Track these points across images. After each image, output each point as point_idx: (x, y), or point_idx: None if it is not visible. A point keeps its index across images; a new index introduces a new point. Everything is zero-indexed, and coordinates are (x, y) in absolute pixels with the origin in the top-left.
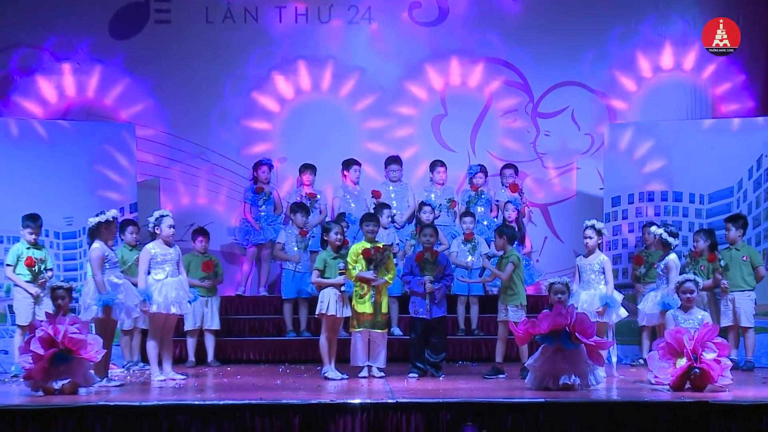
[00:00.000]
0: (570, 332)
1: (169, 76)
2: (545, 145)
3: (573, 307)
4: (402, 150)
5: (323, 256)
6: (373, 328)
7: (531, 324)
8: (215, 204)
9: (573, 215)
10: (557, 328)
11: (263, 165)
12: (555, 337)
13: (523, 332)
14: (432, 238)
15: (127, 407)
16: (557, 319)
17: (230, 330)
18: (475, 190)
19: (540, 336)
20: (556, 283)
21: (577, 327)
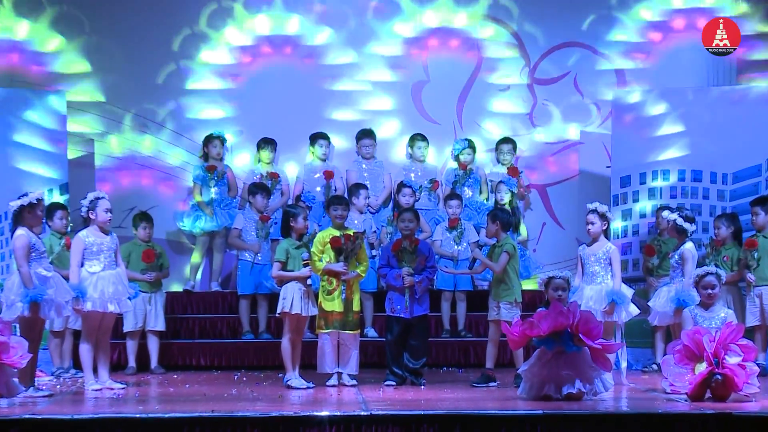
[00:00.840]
0: (572, 333)
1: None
2: (544, 117)
3: (576, 304)
4: (376, 122)
5: (285, 245)
6: (343, 328)
7: (527, 325)
8: (160, 185)
9: (575, 197)
10: (558, 329)
11: (215, 139)
12: (555, 340)
13: (519, 334)
14: (412, 224)
15: (56, 421)
16: (558, 318)
17: (177, 331)
18: (463, 169)
19: (537, 339)
20: (556, 277)
21: (580, 327)
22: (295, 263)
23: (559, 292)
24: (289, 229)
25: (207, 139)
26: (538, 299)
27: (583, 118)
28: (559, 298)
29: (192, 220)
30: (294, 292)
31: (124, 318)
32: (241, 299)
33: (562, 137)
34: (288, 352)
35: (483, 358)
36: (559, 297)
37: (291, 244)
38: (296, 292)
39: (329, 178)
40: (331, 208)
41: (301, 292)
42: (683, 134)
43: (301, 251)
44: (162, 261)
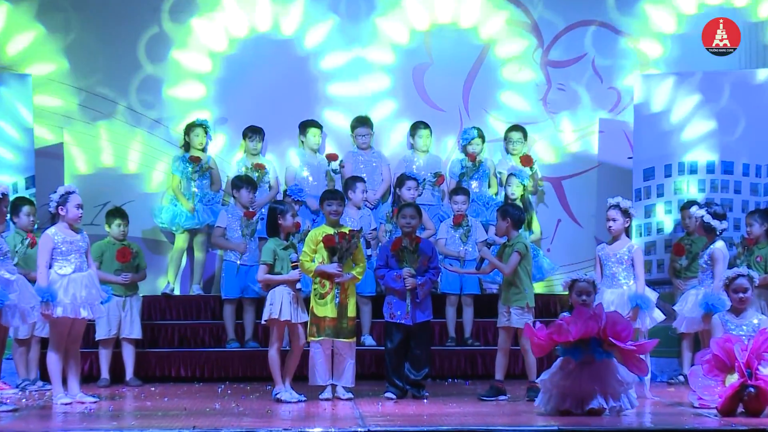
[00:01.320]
0: (601, 339)
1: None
2: (559, 103)
3: (601, 307)
4: (374, 109)
5: (271, 246)
6: (337, 336)
7: (555, 328)
8: (136, 178)
9: (593, 191)
10: (588, 335)
11: (197, 127)
12: (583, 347)
13: (545, 339)
14: (413, 221)
15: None
16: (589, 323)
17: (155, 339)
18: (472, 160)
19: (563, 347)
20: (581, 281)
21: (608, 330)
22: (283, 265)
23: (583, 297)
24: (276, 227)
25: (188, 128)
26: (552, 304)
27: (602, 104)
28: (583, 303)
29: (170, 216)
30: (282, 297)
31: (96, 325)
32: (226, 304)
33: (578, 125)
34: (276, 362)
35: (492, 368)
36: (583, 302)
37: (278, 244)
38: (284, 297)
39: (333, 159)
40: (325, 204)
41: (290, 296)
42: (713, 122)
43: (289, 252)
44: (138, 261)
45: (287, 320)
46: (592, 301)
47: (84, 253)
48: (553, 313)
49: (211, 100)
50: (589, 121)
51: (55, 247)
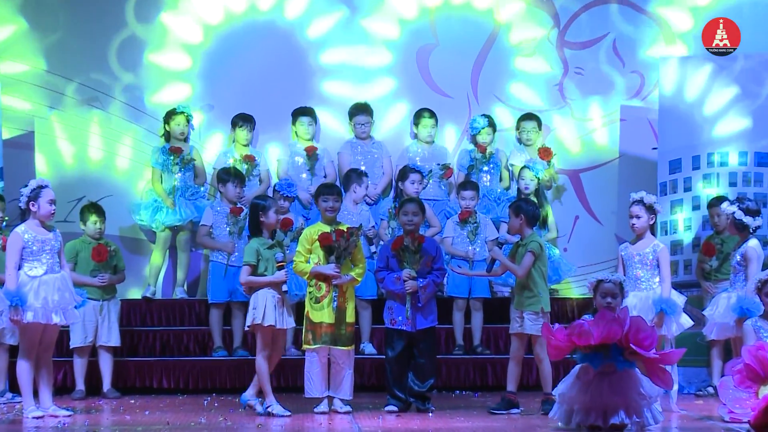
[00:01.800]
0: (623, 346)
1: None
2: (576, 88)
3: (626, 311)
4: (374, 95)
5: (254, 245)
6: (334, 344)
7: (576, 330)
8: (113, 170)
9: (615, 185)
10: (610, 339)
11: (177, 115)
12: (604, 354)
13: (565, 341)
14: (416, 218)
15: None
16: (612, 326)
17: (134, 347)
18: (482, 152)
19: (582, 352)
20: (607, 281)
21: (631, 336)
22: (267, 266)
23: (608, 299)
24: (259, 225)
25: (168, 116)
26: (570, 308)
27: (624, 89)
28: (608, 306)
29: (150, 212)
30: (266, 300)
31: (70, 331)
32: (213, 308)
33: (598, 113)
34: (264, 372)
35: (503, 379)
36: (608, 305)
37: (262, 243)
38: (269, 301)
39: (310, 153)
40: (321, 199)
41: (275, 300)
42: (745, 109)
43: (274, 251)
44: (116, 261)
45: (272, 325)
46: (618, 305)
47: (57, 253)
48: (570, 318)
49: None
50: (610, 109)
51: (24, 246)
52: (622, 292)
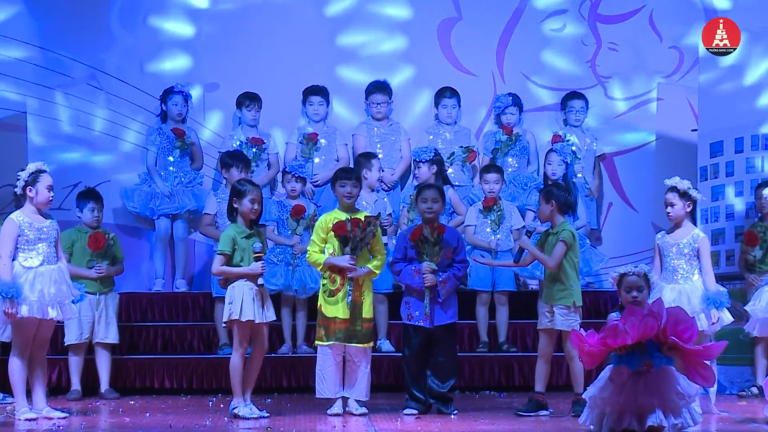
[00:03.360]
0: (661, 340)
1: None
2: (610, 65)
3: (660, 302)
4: (392, 73)
5: (230, 233)
6: (349, 340)
7: (610, 332)
8: (112, 154)
9: (651, 170)
10: (646, 336)
11: (175, 95)
12: (640, 353)
13: (598, 345)
14: (436, 205)
15: None
16: (647, 321)
17: (134, 344)
18: (507, 133)
19: (616, 354)
20: (630, 274)
21: (669, 328)
22: (243, 256)
23: (633, 293)
24: (234, 212)
25: (166, 95)
26: (602, 302)
27: (662, 66)
28: (634, 301)
29: (144, 199)
30: (243, 293)
31: (65, 327)
32: (217, 302)
33: (633, 91)
34: (238, 370)
35: (531, 378)
36: (634, 299)
37: (239, 231)
38: (246, 294)
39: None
40: (338, 184)
41: (253, 292)
42: None
43: (251, 241)
44: (114, 251)
45: (250, 320)
46: (645, 298)
47: (54, 243)
48: (603, 313)
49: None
50: (646, 87)
51: (20, 234)
52: (648, 285)
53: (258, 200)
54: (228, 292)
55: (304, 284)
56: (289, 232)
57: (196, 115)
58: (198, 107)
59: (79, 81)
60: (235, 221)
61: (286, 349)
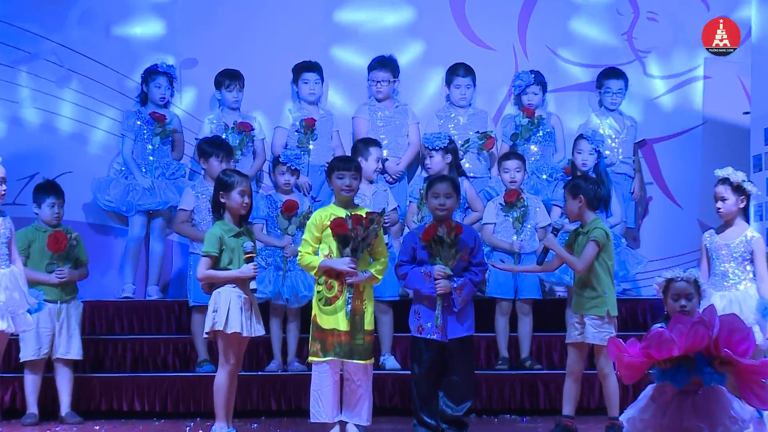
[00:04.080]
0: (712, 354)
1: None
2: (649, 38)
3: (712, 310)
4: (398, 48)
5: (217, 231)
6: (349, 356)
7: (654, 341)
8: (77, 141)
9: (697, 159)
10: (696, 347)
11: (159, 75)
12: (688, 368)
13: (640, 356)
14: (449, 201)
15: None
16: (698, 330)
17: (100, 360)
18: (529, 116)
19: (660, 369)
20: (678, 280)
21: (722, 340)
22: (233, 258)
23: (682, 302)
24: (220, 208)
25: (148, 75)
26: (640, 311)
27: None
28: (682, 311)
29: (120, 193)
30: (230, 301)
31: (20, 341)
32: (195, 313)
33: (676, 69)
34: (223, 390)
35: (558, 400)
36: (682, 309)
37: (226, 230)
38: (233, 302)
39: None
40: (335, 175)
41: (240, 301)
42: None
43: (241, 241)
44: (78, 253)
45: (237, 333)
46: (695, 307)
47: (6, 244)
48: (642, 324)
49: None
50: (691, 64)
51: None
52: (698, 292)
53: (248, 192)
54: (213, 298)
55: (296, 291)
56: (280, 232)
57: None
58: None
59: (37, 56)
60: (222, 218)
61: (276, 366)
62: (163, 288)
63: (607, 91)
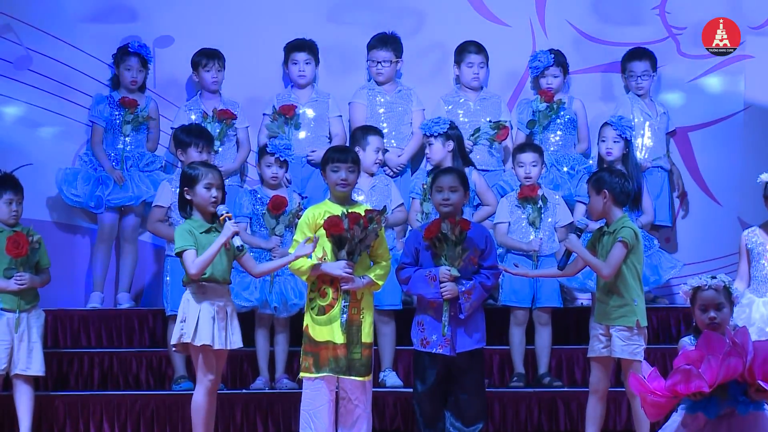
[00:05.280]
0: (747, 381)
1: None
2: (683, 14)
3: (745, 332)
4: (400, 25)
5: (185, 227)
6: (345, 373)
7: (681, 377)
8: (37, 129)
9: (738, 149)
10: (729, 378)
11: (131, 56)
12: (720, 397)
13: (665, 393)
14: (455, 195)
15: None
16: (730, 361)
17: (64, 377)
18: (548, 101)
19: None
20: (705, 288)
21: (758, 368)
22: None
23: (711, 313)
24: (187, 204)
25: (120, 56)
26: (674, 321)
27: (750, 16)
28: (711, 324)
29: (89, 187)
30: (199, 309)
31: None
32: (173, 323)
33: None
34: (202, 411)
35: (580, 421)
36: (711, 321)
37: (196, 226)
38: (203, 311)
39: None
40: (329, 168)
41: (213, 310)
42: None
43: (212, 236)
44: (39, 257)
45: (206, 345)
46: (727, 319)
47: None
48: (676, 336)
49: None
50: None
51: None
52: (730, 301)
53: (216, 185)
54: (181, 306)
55: (285, 299)
56: (266, 232)
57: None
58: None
59: None
60: (190, 216)
61: (262, 384)
62: (135, 296)
63: (631, 74)
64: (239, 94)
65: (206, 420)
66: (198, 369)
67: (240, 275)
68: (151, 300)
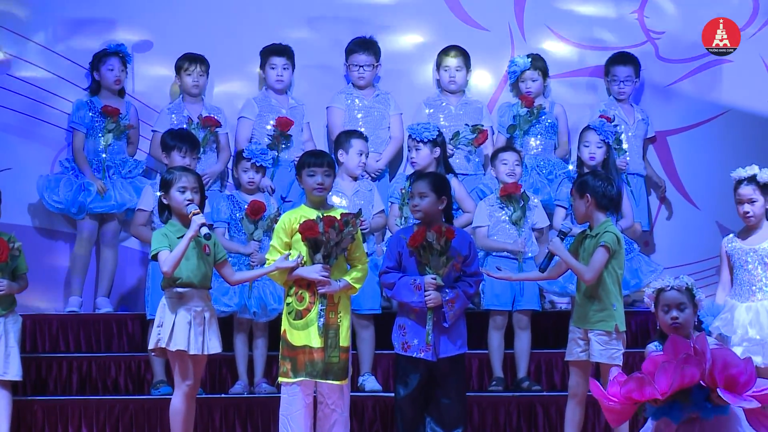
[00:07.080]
0: (707, 386)
1: None
2: (663, 18)
3: (703, 339)
4: (380, 29)
5: (162, 230)
6: (323, 377)
7: (633, 383)
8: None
9: (717, 153)
10: (687, 385)
11: (111, 57)
12: (683, 403)
13: (620, 401)
14: (424, 201)
15: None
16: (685, 369)
17: (42, 382)
18: (528, 105)
19: (653, 406)
20: (668, 288)
21: (718, 374)
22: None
23: (673, 313)
24: (164, 207)
25: (98, 59)
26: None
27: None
28: (674, 323)
29: (70, 193)
30: (175, 314)
31: None
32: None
33: (694, 52)
34: (180, 414)
35: (559, 425)
36: (674, 321)
37: (174, 230)
38: (179, 315)
39: (284, 128)
40: (305, 172)
41: (190, 315)
42: None
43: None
44: (17, 262)
45: (182, 351)
46: (690, 320)
47: None
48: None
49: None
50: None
51: None
52: (693, 303)
53: (192, 188)
54: (158, 311)
55: (264, 304)
56: (244, 237)
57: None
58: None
59: None
60: (167, 221)
61: (241, 388)
62: (114, 300)
63: (614, 79)
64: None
65: (185, 424)
66: (175, 374)
67: (219, 280)
68: (130, 305)
